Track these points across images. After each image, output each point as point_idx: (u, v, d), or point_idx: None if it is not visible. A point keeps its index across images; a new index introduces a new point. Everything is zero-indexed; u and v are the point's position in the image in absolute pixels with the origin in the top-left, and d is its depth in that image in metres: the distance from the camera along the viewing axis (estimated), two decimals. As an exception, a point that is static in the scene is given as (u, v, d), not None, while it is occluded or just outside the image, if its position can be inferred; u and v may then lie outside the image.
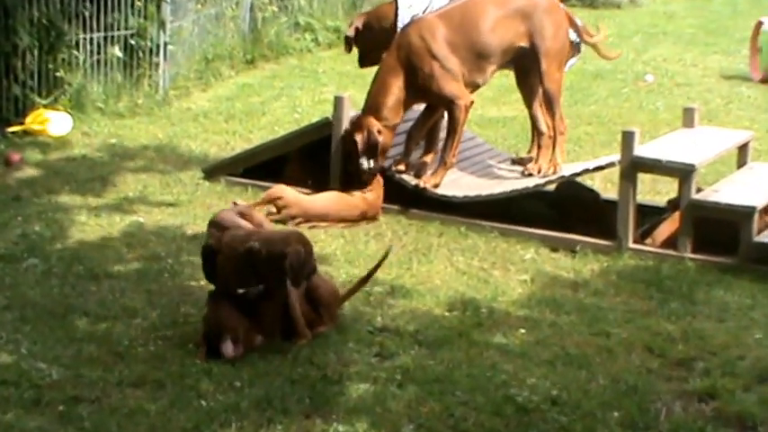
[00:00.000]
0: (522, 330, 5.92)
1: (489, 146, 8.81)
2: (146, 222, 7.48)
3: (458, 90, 7.66)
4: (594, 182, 8.37)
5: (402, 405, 5.05)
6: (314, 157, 8.11)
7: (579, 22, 8.16)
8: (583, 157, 8.97)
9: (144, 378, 5.21)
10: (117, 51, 10.33)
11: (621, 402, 5.13)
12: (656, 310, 6.26)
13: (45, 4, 9.74)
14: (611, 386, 5.29)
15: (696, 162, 7.20)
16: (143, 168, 8.78)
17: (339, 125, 7.91)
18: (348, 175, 7.85)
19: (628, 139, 7.25)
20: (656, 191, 8.27)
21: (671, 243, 7.12)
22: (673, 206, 7.39)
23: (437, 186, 7.74)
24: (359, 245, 7.19)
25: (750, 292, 6.54)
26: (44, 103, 9.73)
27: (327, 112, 8.48)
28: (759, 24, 12.57)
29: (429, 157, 7.99)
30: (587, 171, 7.70)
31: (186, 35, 11.55)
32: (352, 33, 8.40)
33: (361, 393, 5.15)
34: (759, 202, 7.07)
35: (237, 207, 6.40)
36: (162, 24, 10.69)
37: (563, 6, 8.00)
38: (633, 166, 7.24)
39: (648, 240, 7.24)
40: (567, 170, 7.72)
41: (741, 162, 8.04)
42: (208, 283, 5.87)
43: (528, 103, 8.04)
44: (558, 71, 7.79)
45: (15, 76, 9.61)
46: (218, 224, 6.02)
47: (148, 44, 10.57)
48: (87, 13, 10.11)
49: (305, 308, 5.75)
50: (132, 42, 10.47)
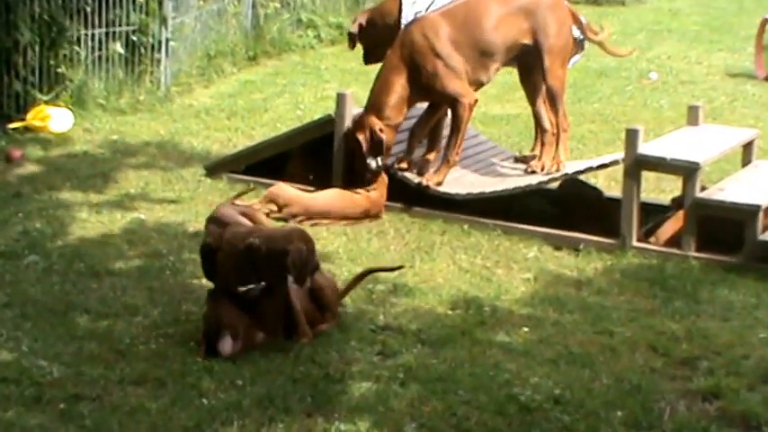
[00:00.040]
0: (526, 329, 5.91)
1: (492, 143, 8.79)
2: (147, 219, 7.47)
3: (462, 88, 7.63)
4: (598, 180, 8.36)
5: (404, 404, 5.04)
6: (316, 154, 8.10)
7: (583, 20, 8.14)
8: (586, 155, 8.96)
9: (145, 376, 5.20)
10: (118, 47, 10.33)
11: (625, 401, 5.11)
12: (659, 309, 6.24)
13: (46, -1, 9.76)
14: (614, 385, 5.28)
15: (701, 160, 7.19)
16: (144, 165, 8.77)
17: (342, 122, 7.90)
18: (351, 173, 7.83)
19: (632, 136, 7.24)
20: (660, 189, 8.26)
21: (675, 242, 7.11)
22: (677, 204, 7.38)
23: (440, 184, 7.72)
24: (361, 242, 7.18)
25: (755, 291, 6.52)
26: (45, 99, 9.73)
27: (330, 109, 8.47)
28: (764, 22, 12.52)
29: (432, 155, 7.96)
30: (591, 169, 7.70)
31: (188, 31, 11.54)
32: (355, 30, 8.39)
33: (363, 392, 5.13)
34: (764, 200, 7.05)
35: (238, 208, 6.36)
36: (164, 20, 10.69)
37: (566, 3, 7.97)
38: (637, 164, 7.23)
39: (652, 239, 7.23)
40: (571, 168, 7.71)
41: (746, 160, 8.03)
42: (209, 281, 5.84)
43: (531, 100, 8.02)
44: (562, 68, 7.78)
45: (16, 72, 9.61)
46: (218, 220, 5.97)
47: (150, 40, 10.57)
48: (89, 9, 10.10)
49: (308, 306, 5.73)
50: (134, 38, 10.46)
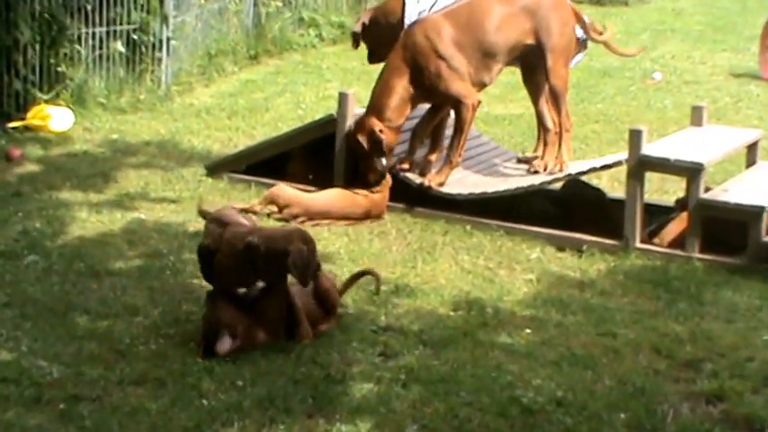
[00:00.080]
0: (528, 330, 5.88)
1: (495, 144, 8.77)
2: (147, 219, 7.46)
3: (465, 89, 7.60)
4: (601, 181, 8.35)
5: (406, 405, 5.02)
6: (317, 154, 8.08)
7: (587, 20, 8.11)
8: (589, 155, 8.95)
9: (145, 376, 5.19)
10: (119, 46, 10.34)
11: (628, 404, 5.09)
12: (663, 311, 6.22)
13: (47, -3, 9.74)
14: (617, 387, 5.25)
15: (704, 161, 7.17)
16: (145, 164, 8.76)
17: (343, 122, 7.87)
18: (353, 173, 7.80)
19: (635, 137, 7.22)
20: (663, 190, 8.25)
21: (679, 243, 7.10)
22: (681, 206, 7.36)
23: (442, 185, 7.70)
24: (363, 243, 7.16)
25: (759, 293, 6.50)
26: (45, 98, 9.73)
27: (331, 108, 8.48)
28: (769, 21, 12.53)
29: (434, 156, 7.93)
30: (594, 169, 7.67)
31: (189, 30, 11.55)
32: (358, 29, 8.38)
33: (364, 393, 5.11)
34: (768, 201, 7.04)
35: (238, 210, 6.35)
36: (165, 19, 10.69)
37: (569, 2, 7.94)
38: (641, 165, 7.20)
39: (656, 240, 7.20)
40: (574, 168, 7.70)
41: (750, 161, 8.01)
42: (207, 283, 5.82)
43: (534, 99, 8.01)
44: (565, 67, 7.76)
45: (16, 71, 9.61)
46: (218, 220, 5.94)
47: (151, 39, 10.59)
48: (89, 8, 10.13)
49: (311, 306, 5.71)
50: (135, 37, 10.47)
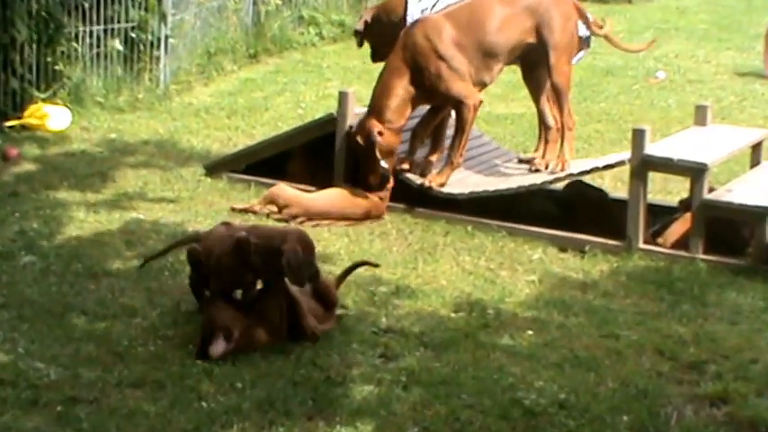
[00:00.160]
0: (530, 332, 5.87)
1: (496, 144, 8.77)
2: (145, 219, 7.44)
3: (466, 90, 7.56)
4: (604, 180, 8.36)
5: (407, 407, 5.00)
6: (318, 153, 8.06)
7: (590, 17, 8.05)
8: (592, 155, 8.94)
9: (143, 379, 5.16)
10: (117, 44, 10.34)
11: (631, 406, 5.07)
12: (666, 312, 6.21)
13: (44, -5, 9.71)
14: (620, 390, 5.24)
15: (708, 161, 7.15)
16: (143, 164, 8.75)
17: (343, 121, 7.86)
18: (354, 173, 7.77)
19: (638, 137, 7.21)
20: (667, 190, 8.25)
21: (682, 244, 7.08)
22: (684, 206, 7.35)
23: (443, 186, 7.67)
24: (363, 244, 7.15)
25: (763, 294, 6.48)
26: (42, 96, 9.72)
27: (332, 107, 8.48)
28: (774, 20, 12.53)
29: (435, 157, 7.91)
30: (597, 169, 7.66)
31: (188, 28, 11.55)
32: (361, 27, 8.37)
33: (365, 395, 5.09)
34: (773, 202, 7.02)
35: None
36: (163, 17, 10.69)
37: None
38: (644, 165, 7.19)
39: (659, 241, 7.20)
40: (576, 168, 7.67)
41: (755, 161, 8.01)
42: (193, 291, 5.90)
43: (535, 97, 7.99)
44: (567, 65, 7.74)
45: (13, 70, 9.60)
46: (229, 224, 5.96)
47: (149, 37, 10.59)
48: (87, 5, 10.12)
49: (312, 306, 5.67)
50: (133, 35, 10.47)
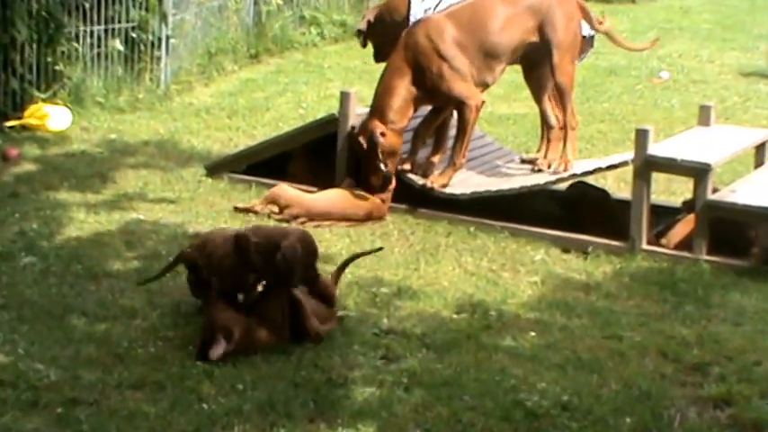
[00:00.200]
0: (533, 333, 5.85)
1: (498, 145, 8.76)
2: (146, 220, 7.43)
3: (468, 90, 7.54)
4: (607, 181, 8.35)
5: (408, 409, 4.99)
6: (319, 154, 8.04)
7: (593, 15, 8.04)
8: (595, 155, 8.94)
9: (144, 380, 5.15)
10: (118, 44, 10.33)
11: (634, 408, 5.06)
12: (670, 314, 6.19)
13: (44, -5, 9.69)
14: (623, 391, 5.22)
15: (712, 161, 7.14)
16: (144, 165, 8.73)
17: (345, 121, 7.85)
18: (355, 174, 7.75)
19: (642, 137, 7.19)
20: (670, 191, 8.23)
21: (686, 245, 7.07)
22: (688, 207, 7.34)
23: (445, 187, 7.65)
24: (365, 245, 7.13)
25: (767, 296, 6.45)
26: (43, 97, 9.71)
27: (333, 107, 8.48)
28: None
29: (437, 158, 7.89)
30: (600, 169, 7.65)
31: (188, 28, 11.54)
32: (364, 26, 8.35)
33: (366, 397, 5.08)
34: (778, 202, 7.00)
35: None
36: (164, 17, 10.68)
37: None
38: (647, 166, 7.18)
39: (663, 242, 7.19)
40: (579, 168, 7.67)
41: (759, 161, 8.00)
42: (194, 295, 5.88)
43: (536, 96, 7.98)
44: (571, 64, 7.73)
45: (13, 70, 9.59)
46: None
47: (150, 37, 10.58)
48: (87, 5, 10.12)
49: (314, 306, 5.65)
50: (133, 35, 10.47)
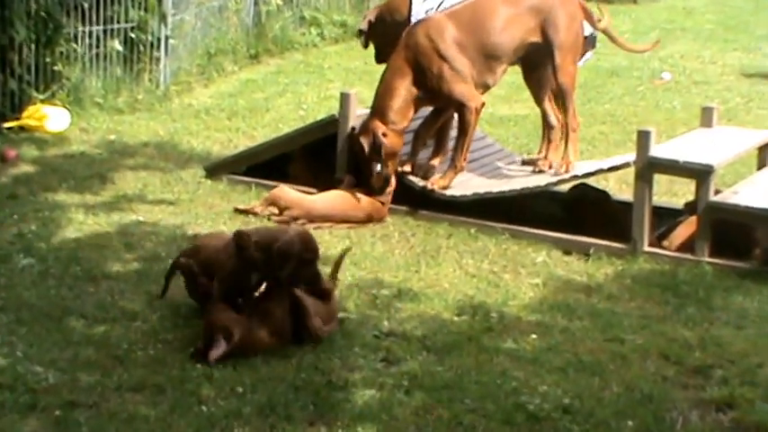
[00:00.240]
0: (534, 336, 5.84)
1: (499, 146, 8.76)
2: (145, 221, 7.41)
3: (468, 92, 7.52)
4: (609, 183, 8.35)
5: (409, 412, 4.97)
6: (319, 155, 8.03)
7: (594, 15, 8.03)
8: (597, 156, 8.93)
9: (143, 383, 5.13)
10: (117, 45, 10.33)
11: (636, 411, 5.04)
12: (672, 316, 6.18)
13: (43, -5, 9.68)
14: (625, 394, 5.21)
15: (714, 163, 7.13)
16: (143, 166, 8.72)
17: (345, 122, 7.84)
18: (356, 175, 7.72)
19: (643, 138, 7.18)
20: (672, 192, 8.22)
21: (688, 247, 7.06)
22: (690, 208, 7.32)
23: (445, 189, 7.64)
24: (365, 246, 7.12)
25: (770, 298, 6.49)
26: (41, 97, 9.71)
27: (333, 108, 8.47)
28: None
29: (437, 160, 7.86)
30: (601, 171, 7.66)
31: (188, 29, 11.55)
32: (365, 27, 8.33)
33: (366, 400, 5.06)
34: (780, 204, 6.99)
35: None
36: (163, 17, 10.68)
37: None
38: (649, 167, 7.16)
39: (665, 243, 7.17)
40: (581, 169, 7.66)
41: (761, 163, 7.99)
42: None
43: (536, 97, 7.97)
44: (573, 65, 7.72)
45: (12, 70, 9.58)
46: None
47: (149, 38, 10.59)
48: (86, 6, 10.10)
49: (318, 307, 5.64)
50: (132, 36, 10.46)
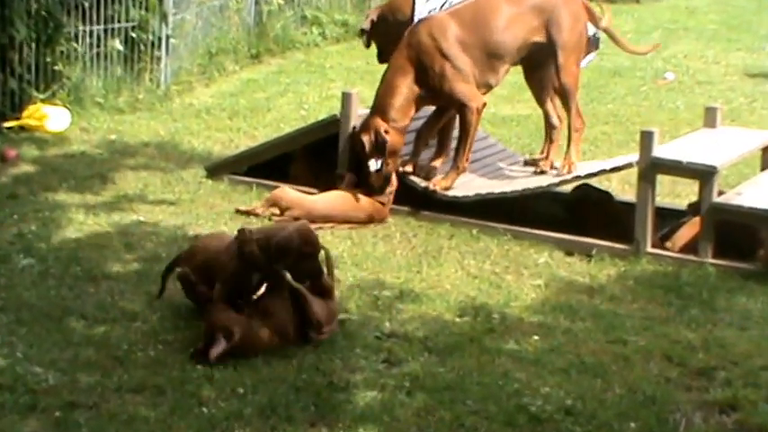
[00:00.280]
0: (536, 337, 5.83)
1: (502, 146, 8.74)
2: (146, 222, 7.41)
3: (469, 92, 7.50)
4: (612, 183, 8.33)
5: (410, 413, 4.97)
6: (320, 155, 8.02)
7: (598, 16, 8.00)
8: (599, 157, 8.91)
9: (143, 384, 5.13)
10: (117, 44, 10.33)
11: (639, 413, 5.04)
12: (675, 318, 6.17)
13: (43, -6, 9.67)
14: (627, 396, 5.21)
15: (718, 163, 7.11)
16: (143, 166, 8.72)
17: (347, 122, 7.83)
18: (357, 175, 7.71)
19: (647, 139, 7.17)
20: (675, 193, 8.20)
21: (691, 248, 7.04)
22: (693, 209, 7.30)
23: (447, 190, 7.62)
24: (366, 247, 7.11)
25: (773, 299, 6.47)
26: (42, 97, 9.70)
27: (335, 108, 8.47)
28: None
29: (439, 161, 7.85)
30: (604, 171, 7.64)
31: (189, 28, 11.54)
32: (367, 26, 8.32)
33: (368, 401, 5.06)
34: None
35: None
36: (164, 17, 10.68)
37: None
38: (652, 168, 7.15)
39: (668, 245, 7.16)
40: (583, 170, 7.65)
41: (765, 163, 7.96)
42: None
43: (538, 97, 7.97)
44: (576, 65, 7.70)
45: (12, 70, 9.58)
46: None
47: (150, 37, 10.58)
48: (87, 5, 10.11)
49: (320, 307, 5.63)
50: (133, 35, 10.46)
